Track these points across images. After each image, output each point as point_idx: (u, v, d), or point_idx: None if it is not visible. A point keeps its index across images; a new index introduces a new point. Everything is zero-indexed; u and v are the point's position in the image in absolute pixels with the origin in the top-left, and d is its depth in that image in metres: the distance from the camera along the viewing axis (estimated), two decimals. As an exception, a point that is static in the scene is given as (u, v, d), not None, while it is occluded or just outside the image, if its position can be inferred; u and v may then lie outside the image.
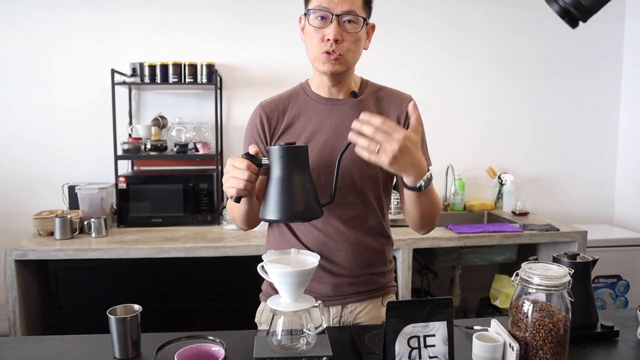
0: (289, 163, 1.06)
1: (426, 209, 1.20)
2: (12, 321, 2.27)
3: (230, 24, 2.96)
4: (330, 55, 1.19)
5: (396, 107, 1.31)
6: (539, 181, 3.33)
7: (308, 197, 1.08)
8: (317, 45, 1.20)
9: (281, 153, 1.06)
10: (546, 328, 1.03)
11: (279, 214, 1.06)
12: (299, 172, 1.07)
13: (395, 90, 1.36)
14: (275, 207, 1.06)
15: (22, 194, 2.88)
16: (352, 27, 1.19)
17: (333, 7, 1.16)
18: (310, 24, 1.20)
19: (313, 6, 1.19)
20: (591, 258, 1.26)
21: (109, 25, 2.87)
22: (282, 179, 1.06)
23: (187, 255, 2.34)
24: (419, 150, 1.05)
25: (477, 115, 3.24)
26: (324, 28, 1.18)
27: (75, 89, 2.88)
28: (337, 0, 1.16)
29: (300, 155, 1.09)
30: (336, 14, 1.17)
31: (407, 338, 0.93)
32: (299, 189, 1.07)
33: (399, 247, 2.46)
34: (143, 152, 2.74)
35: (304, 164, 1.10)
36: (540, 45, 3.23)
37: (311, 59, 1.25)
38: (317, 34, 1.20)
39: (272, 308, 1.06)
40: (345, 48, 1.20)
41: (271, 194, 1.07)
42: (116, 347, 1.12)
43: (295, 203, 1.06)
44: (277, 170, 1.06)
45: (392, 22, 3.04)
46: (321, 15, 1.18)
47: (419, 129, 1.07)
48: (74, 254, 2.29)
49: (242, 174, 1.06)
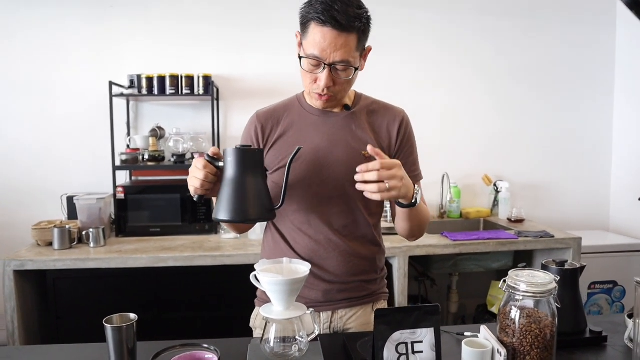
0: (242, 165, 1.10)
1: (417, 220, 1.28)
2: (11, 331, 2.28)
3: (227, 35, 3.01)
4: (322, 96, 1.24)
5: (389, 121, 1.34)
6: (535, 188, 3.35)
7: (258, 199, 1.11)
8: (310, 84, 1.24)
9: (233, 155, 1.10)
10: (533, 334, 1.05)
11: (229, 214, 1.09)
12: (250, 174, 1.11)
13: (388, 105, 1.39)
14: (226, 207, 1.10)
15: (21, 205, 2.90)
16: (344, 74, 1.21)
17: (325, 57, 1.16)
18: (302, 67, 1.22)
19: (306, 52, 1.19)
20: (579, 265, 1.29)
21: (106, 38, 2.92)
22: (233, 180, 1.10)
23: (185, 264, 2.36)
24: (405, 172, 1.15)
25: (472, 124, 3.27)
26: (317, 72, 1.21)
27: (73, 100, 2.92)
28: (330, 49, 1.15)
29: (253, 158, 1.13)
30: (328, 63, 1.17)
31: (395, 344, 0.95)
32: (249, 190, 1.10)
33: (395, 255, 2.48)
34: (141, 162, 2.77)
35: (257, 166, 1.13)
36: (534, 53, 3.27)
37: (305, 90, 1.32)
38: (309, 75, 1.22)
39: (265, 316, 1.09)
40: (336, 90, 1.24)
41: (223, 195, 1.11)
42: (112, 356, 1.14)
43: (245, 204, 1.10)
44: (230, 172, 1.11)
45: (386, 34, 3.08)
46: (314, 63, 1.19)
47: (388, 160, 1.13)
48: (72, 264, 2.31)
49: (200, 173, 1.12)
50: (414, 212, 1.23)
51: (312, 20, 1.15)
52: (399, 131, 1.33)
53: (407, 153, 1.35)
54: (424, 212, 1.30)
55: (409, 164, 1.33)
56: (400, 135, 1.33)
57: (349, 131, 1.31)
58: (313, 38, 1.16)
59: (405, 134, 1.34)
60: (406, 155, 1.35)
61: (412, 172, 1.34)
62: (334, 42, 1.14)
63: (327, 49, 1.15)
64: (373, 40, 1.29)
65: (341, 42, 1.15)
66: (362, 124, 1.32)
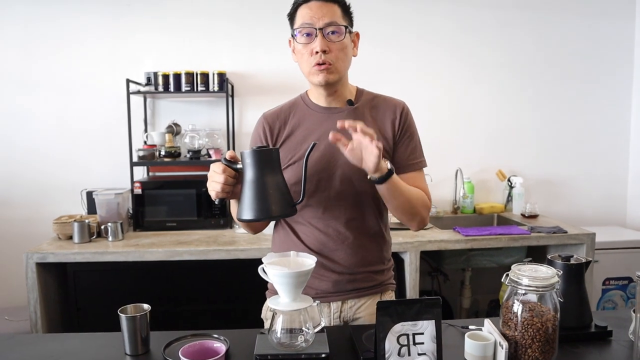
0: (260, 165, 1.14)
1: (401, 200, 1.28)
2: (34, 321, 2.36)
3: (242, 32, 3.04)
4: (321, 65, 1.28)
5: (390, 113, 1.39)
6: (549, 183, 3.33)
7: (279, 196, 1.15)
8: (308, 60, 1.30)
9: (251, 156, 1.13)
10: (535, 327, 1.07)
11: (253, 214, 1.13)
12: (269, 173, 1.15)
13: (389, 97, 1.43)
14: (249, 207, 1.13)
15: (42, 200, 2.99)
16: (336, 37, 1.29)
17: (315, 22, 1.27)
18: (298, 42, 1.31)
19: (297, 25, 1.30)
20: (585, 259, 1.29)
21: (124, 37, 2.98)
22: (254, 180, 1.14)
23: (200, 258, 2.41)
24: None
25: (486, 118, 3.26)
26: (311, 43, 1.28)
27: (93, 98, 2.99)
28: (317, 15, 1.26)
29: (270, 157, 1.16)
30: (319, 27, 1.27)
31: (396, 336, 0.98)
32: (270, 189, 1.14)
33: (406, 250, 2.50)
34: (157, 158, 2.83)
35: (275, 165, 1.17)
36: (550, 46, 3.24)
37: (305, 74, 1.34)
38: (306, 50, 1.29)
39: (272, 307, 1.12)
40: (333, 57, 1.29)
41: (245, 195, 1.15)
42: (127, 344, 1.19)
43: (267, 203, 1.13)
44: (249, 173, 1.14)
45: (402, 27, 3.09)
46: (306, 32, 1.28)
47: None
48: (91, 257, 2.38)
49: (219, 177, 1.16)
50: (391, 190, 1.23)
51: (299, 5, 1.30)
52: (400, 119, 1.38)
53: (407, 140, 1.39)
54: (410, 194, 1.29)
55: (409, 151, 1.38)
56: (401, 123, 1.38)
57: None
58: (301, 15, 1.29)
59: (405, 122, 1.39)
60: (406, 142, 1.39)
61: (412, 159, 1.39)
62: (320, 9, 1.27)
63: (315, 15, 1.27)
64: (389, 32, 1.32)
65: (326, 9, 1.27)
66: (366, 118, 1.36)
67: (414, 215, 1.33)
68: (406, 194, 1.28)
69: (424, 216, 1.36)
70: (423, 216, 1.35)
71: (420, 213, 1.34)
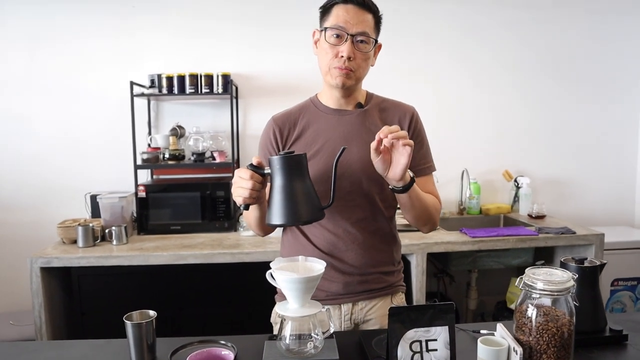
0: (289, 171, 1.13)
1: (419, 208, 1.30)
2: (38, 326, 2.35)
3: (246, 34, 3.02)
4: (343, 69, 1.28)
5: (400, 117, 1.40)
6: (557, 183, 3.30)
7: (309, 201, 1.14)
8: (331, 60, 1.30)
9: (280, 162, 1.13)
10: (550, 332, 1.04)
11: (283, 219, 1.13)
12: (298, 178, 1.14)
13: (398, 102, 1.44)
14: (279, 212, 1.12)
15: (47, 204, 2.97)
16: (364, 46, 1.29)
17: (349, 27, 1.26)
18: (326, 40, 1.29)
19: (330, 24, 1.28)
20: (599, 262, 1.27)
21: (127, 40, 2.96)
22: (283, 186, 1.13)
23: (205, 261, 2.39)
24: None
25: (492, 118, 3.23)
26: (339, 45, 1.28)
27: (97, 101, 2.97)
28: (352, 21, 1.26)
29: (299, 162, 1.15)
30: (351, 33, 1.26)
31: (409, 342, 0.95)
32: (299, 194, 1.13)
33: (413, 252, 2.48)
34: (162, 161, 2.81)
35: (303, 170, 1.16)
36: (557, 46, 3.21)
37: (323, 71, 1.34)
38: (331, 50, 1.29)
39: (280, 314, 1.10)
40: (356, 65, 1.29)
41: (274, 201, 1.13)
42: (132, 351, 1.17)
43: (297, 208, 1.13)
44: (279, 179, 1.13)
45: (407, 28, 3.06)
46: (337, 33, 1.28)
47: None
48: (95, 262, 2.36)
49: (247, 183, 1.14)
50: (413, 198, 1.25)
51: (336, 3, 1.28)
52: (410, 126, 1.39)
53: (417, 146, 1.38)
54: (426, 201, 1.32)
55: (420, 157, 1.39)
56: (411, 129, 1.39)
57: (362, 128, 1.36)
58: (336, 14, 1.27)
59: (415, 128, 1.40)
60: (417, 148, 1.37)
61: (422, 164, 1.40)
62: (356, 16, 1.27)
63: (350, 20, 1.26)
64: (395, 34, 1.31)
65: (362, 17, 1.27)
66: (375, 121, 1.37)
67: (428, 221, 1.36)
68: (424, 202, 1.30)
69: (437, 220, 1.39)
70: (436, 220, 1.38)
71: (434, 218, 1.37)
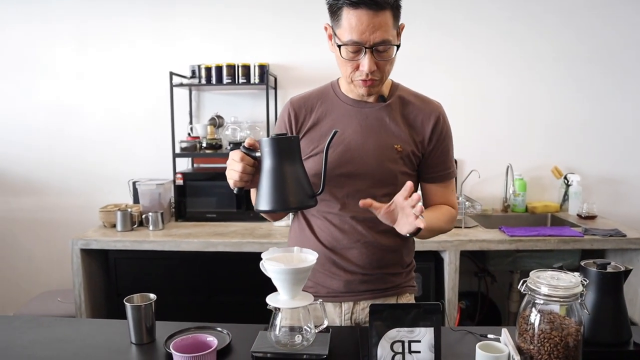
0: (278, 154, 1.07)
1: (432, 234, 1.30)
2: (78, 304, 2.48)
3: (283, 24, 3.02)
4: (367, 82, 1.19)
5: (424, 117, 1.30)
6: (611, 182, 3.06)
7: (298, 187, 1.08)
8: (352, 73, 1.19)
9: (269, 144, 1.07)
10: (552, 341, 0.96)
11: (270, 204, 1.07)
12: (288, 162, 1.08)
13: (424, 97, 1.33)
14: (266, 197, 1.07)
15: (95, 189, 3.14)
16: (386, 54, 1.16)
17: (365, 39, 1.11)
18: (342, 56, 1.16)
19: (344, 38, 1.13)
20: (623, 268, 1.16)
21: (167, 32, 3.04)
22: (272, 170, 1.07)
23: (234, 249, 2.42)
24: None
25: (541, 112, 3.04)
26: (357, 59, 1.16)
27: (140, 92, 3.09)
28: (369, 31, 1.10)
29: (289, 146, 1.09)
30: (369, 46, 1.12)
31: (390, 342, 0.91)
32: (288, 179, 1.07)
33: (445, 249, 2.39)
34: (199, 150, 2.88)
35: (294, 154, 1.10)
36: (613, 36, 2.96)
37: (344, 77, 1.24)
38: (350, 63, 1.17)
39: (270, 304, 1.08)
40: (379, 74, 1.18)
41: (263, 185, 1.08)
42: (132, 333, 1.20)
43: (285, 193, 1.07)
44: (267, 162, 1.08)
45: (454, 17, 2.93)
46: (353, 50, 1.14)
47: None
48: (131, 245, 2.46)
49: (237, 166, 1.10)
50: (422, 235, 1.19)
51: (343, 6, 1.11)
52: (434, 129, 1.29)
53: (443, 151, 1.32)
54: (439, 224, 1.28)
55: (443, 162, 1.32)
56: (436, 133, 1.29)
57: (382, 124, 1.28)
58: (348, 23, 1.11)
59: (441, 133, 1.30)
60: (442, 154, 1.32)
61: (445, 169, 1.33)
62: (371, 23, 1.09)
63: (366, 31, 1.10)
64: (433, 23, 1.22)
65: (378, 22, 1.10)
66: (396, 117, 1.28)
67: (440, 234, 1.34)
68: (436, 228, 1.27)
69: (450, 229, 1.35)
70: (449, 230, 1.34)
71: (447, 230, 1.33)
